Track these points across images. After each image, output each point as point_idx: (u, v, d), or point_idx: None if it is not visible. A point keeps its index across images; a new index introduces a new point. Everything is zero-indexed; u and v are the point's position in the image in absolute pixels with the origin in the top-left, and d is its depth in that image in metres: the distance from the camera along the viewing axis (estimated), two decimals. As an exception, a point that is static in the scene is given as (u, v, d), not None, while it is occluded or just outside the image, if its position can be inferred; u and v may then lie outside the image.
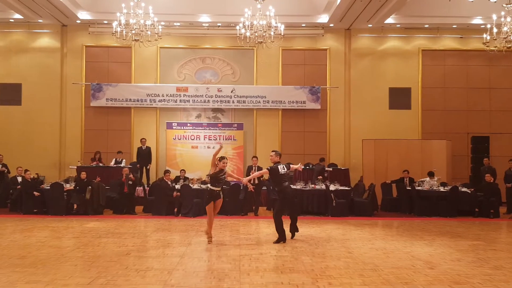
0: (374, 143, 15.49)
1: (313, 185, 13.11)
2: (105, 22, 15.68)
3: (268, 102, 16.56)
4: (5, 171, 14.51)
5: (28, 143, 16.21)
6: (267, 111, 16.71)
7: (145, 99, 16.42)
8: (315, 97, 16.61)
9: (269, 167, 8.93)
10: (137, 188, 13.48)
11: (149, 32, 12.69)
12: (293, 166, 9.61)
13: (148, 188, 13.74)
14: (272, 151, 9.17)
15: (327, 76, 16.88)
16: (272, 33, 12.60)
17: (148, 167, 15.48)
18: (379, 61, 17.05)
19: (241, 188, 13.00)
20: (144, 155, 15.42)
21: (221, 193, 8.70)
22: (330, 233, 9.82)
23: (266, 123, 16.74)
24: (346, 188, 13.30)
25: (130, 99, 16.43)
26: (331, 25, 16.38)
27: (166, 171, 13.29)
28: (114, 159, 15.16)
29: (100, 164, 14.98)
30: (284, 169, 8.92)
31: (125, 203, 12.76)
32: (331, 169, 14.90)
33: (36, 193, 12.62)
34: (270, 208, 13.58)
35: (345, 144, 16.88)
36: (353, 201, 12.95)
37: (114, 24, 12.56)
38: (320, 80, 16.79)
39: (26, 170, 13.26)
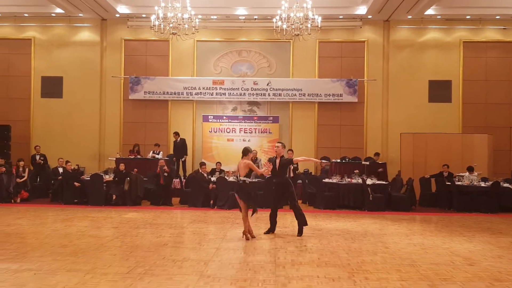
0: (413, 137, 15.15)
1: (349, 179, 12.94)
2: (144, 16, 15.89)
3: (304, 95, 16.43)
4: (42, 162, 15.01)
5: (68, 135, 16.66)
6: (303, 104, 16.59)
7: (182, 92, 16.59)
8: (352, 90, 16.36)
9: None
10: (173, 180, 13.66)
11: (186, 26, 12.78)
12: (297, 159, 9.42)
13: (184, 180, 13.90)
14: (278, 143, 8.88)
15: (364, 68, 16.60)
16: (309, 26, 12.48)
17: (183, 159, 15.64)
18: (419, 53, 16.62)
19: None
20: (179, 147, 15.59)
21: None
22: (367, 228, 9.68)
23: (302, 116, 16.62)
24: (383, 182, 13.07)
25: (167, 92, 16.63)
26: (370, 16, 16.07)
27: (202, 164, 13.41)
28: (151, 152, 15.41)
29: (138, 156, 15.26)
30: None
31: (162, 195, 12.95)
32: (367, 163, 14.68)
33: (76, 184, 12.97)
34: (306, 202, 13.52)
35: (383, 138, 16.58)
36: (391, 195, 12.72)
37: (152, 17, 12.71)
38: (358, 72, 16.53)
39: (67, 161, 13.65)
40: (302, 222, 8.71)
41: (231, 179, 12.99)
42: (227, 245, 7.69)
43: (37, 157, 15.15)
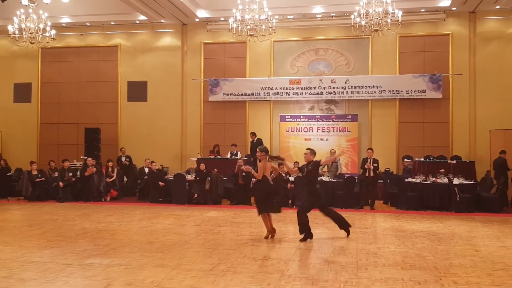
0: (504, 134, 14.20)
1: (434, 179, 12.37)
2: (222, 19, 16.23)
3: (384, 92, 15.91)
4: (128, 163, 15.81)
5: (152, 136, 17.40)
6: (383, 102, 16.08)
7: (259, 93, 16.74)
8: (436, 86, 15.59)
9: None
10: (252, 179, 13.79)
11: (263, 27, 12.88)
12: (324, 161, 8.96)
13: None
14: (307, 149, 8.42)
15: (449, 62, 15.74)
16: (388, 20, 12.09)
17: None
18: (509, 45, 15.49)
19: (356, 181, 12.72)
20: (256, 147, 15.68)
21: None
22: (454, 230, 9.18)
23: (382, 114, 16.12)
24: (472, 182, 12.35)
25: (245, 93, 16.85)
26: (454, 8, 15.23)
27: (280, 164, 13.42)
28: (229, 152, 15.71)
29: (218, 156, 15.62)
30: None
31: (241, 194, 13.14)
32: (454, 161, 13.92)
33: (161, 183, 13.53)
34: (387, 202, 13.12)
35: (470, 135, 15.63)
36: (480, 196, 11.99)
37: (230, 20, 12.95)
38: (442, 67, 15.72)
39: (152, 162, 14.28)
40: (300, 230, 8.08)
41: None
42: (307, 245, 7.64)
43: (123, 158, 16.01)
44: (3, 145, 18.07)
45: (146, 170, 14.53)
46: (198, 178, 13.29)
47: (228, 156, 15.59)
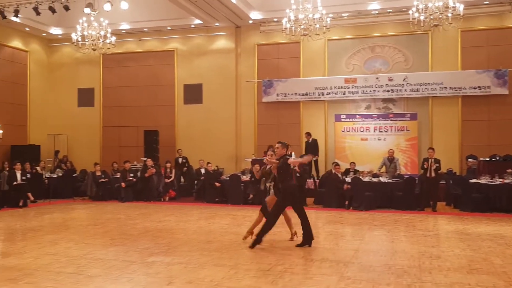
0: None
1: (501, 179, 11.75)
2: (275, 20, 16.21)
3: (445, 89, 15.30)
4: (185, 164, 16.14)
5: (208, 138, 17.65)
6: (444, 99, 15.47)
7: (313, 93, 16.58)
8: (502, 81, 14.81)
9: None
10: (307, 180, 13.69)
11: (317, 26, 12.75)
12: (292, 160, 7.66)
13: (318, 180, 13.86)
14: (278, 143, 7.61)
15: (515, 57, 14.93)
16: (449, 15, 11.62)
17: (315, 159, 15.59)
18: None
19: (416, 181, 12.31)
20: (310, 147, 15.55)
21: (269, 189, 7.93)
22: (524, 233, 8.67)
23: (443, 111, 15.49)
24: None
25: (299, 93, 16.75)
26: (520, -1, 14.45)
27: (335, 164, 13.24)
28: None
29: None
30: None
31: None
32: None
33: (217, 184, 13.70)
34: (450, 204, 12.61)
35: (540, 133, 14.74)
36: (552, 198, 11.28)
37: (284, 20, 12.90)
38: (507, 62, 14.88)
39: (208, 163, 14.49)
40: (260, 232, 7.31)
41: (366, 179, 12.65)
42: (366, 247, 7.46)
43: (180, 159, 16.34)
44: (68, 147, 18.96)
45: (202, 171, 14.77)
46: (253, 178, 13.34)
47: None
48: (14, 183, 12.95)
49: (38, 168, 14.88)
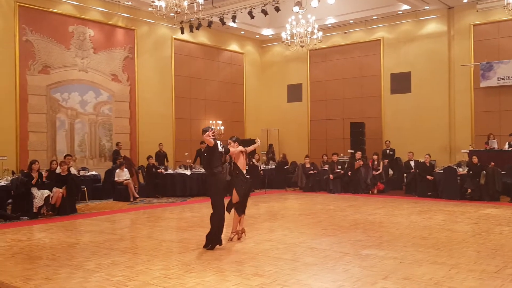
0: None
1: None
2: (494, -5, 14.52)
3: None
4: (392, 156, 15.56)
5: (417, 128, 16.78)
6: None
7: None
8: None
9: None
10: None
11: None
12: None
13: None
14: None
15: None
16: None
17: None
18: None
19: None
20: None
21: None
22: None
23: None
24: None
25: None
26: None
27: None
28: (507, 143, 13.91)
29: (494, 148, 14.04)
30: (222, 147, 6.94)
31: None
32: None
33: (429, 177, 12.96)
34: None
35: None
36: None
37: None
38: None
39: (427, 155, 13.48)
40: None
41: None
42: None
43: (387, 151, 15.85)
44: (280, 141, 20.25)
45: (412, 163, 14.13)
46: (471, 172, 12.22)
47: (506, 147, 13.84)
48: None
49: (253, 160, 16.24)
